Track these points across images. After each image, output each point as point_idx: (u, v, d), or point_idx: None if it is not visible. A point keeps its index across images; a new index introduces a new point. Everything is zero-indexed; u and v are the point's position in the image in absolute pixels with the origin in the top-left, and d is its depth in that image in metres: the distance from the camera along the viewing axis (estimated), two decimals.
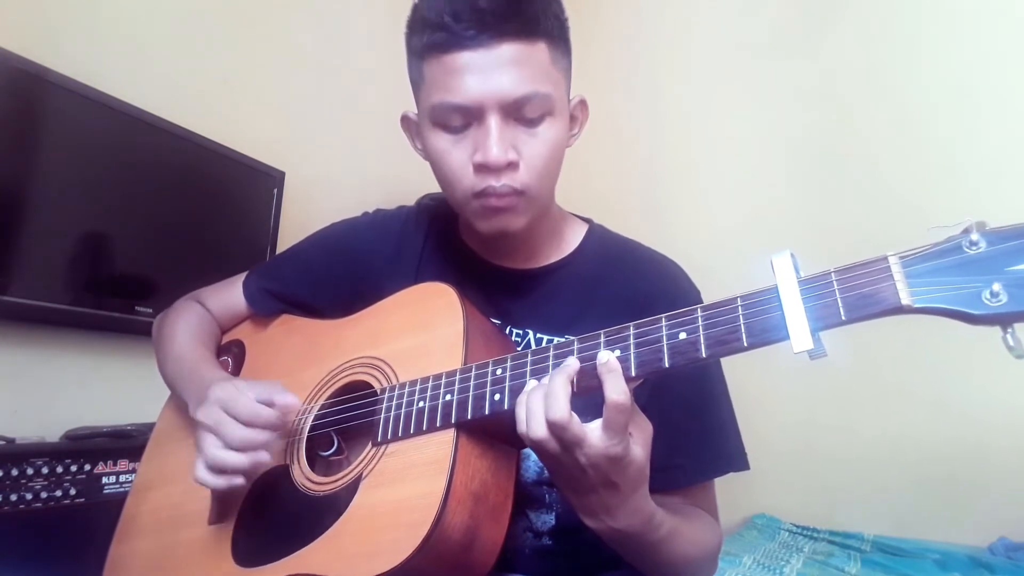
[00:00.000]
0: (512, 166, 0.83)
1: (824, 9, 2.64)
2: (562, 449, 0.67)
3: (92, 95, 1.65)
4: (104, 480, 1.49)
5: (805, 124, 2.62)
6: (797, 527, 2.36)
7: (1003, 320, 0.53)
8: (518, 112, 0.83)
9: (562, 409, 0.65)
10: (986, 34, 2.33)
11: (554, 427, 0.66)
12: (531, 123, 0.84)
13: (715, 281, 0.96)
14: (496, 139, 0.81)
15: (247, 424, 0.81)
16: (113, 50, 1.80)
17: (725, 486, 0.96)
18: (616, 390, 0.65)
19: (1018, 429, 2.14)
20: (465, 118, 0.83)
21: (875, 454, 2.34)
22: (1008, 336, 0.53)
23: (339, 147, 2.51)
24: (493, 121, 0.82)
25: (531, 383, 0.71)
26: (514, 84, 0.81)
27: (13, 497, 1.35)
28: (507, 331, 0.95)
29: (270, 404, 0.83)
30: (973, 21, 2.36)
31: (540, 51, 0.83)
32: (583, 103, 0.94)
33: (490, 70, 0.80)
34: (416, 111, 0.92)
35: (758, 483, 2.47)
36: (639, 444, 0.68)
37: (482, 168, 0.83)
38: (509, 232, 0.88)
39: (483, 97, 0.81)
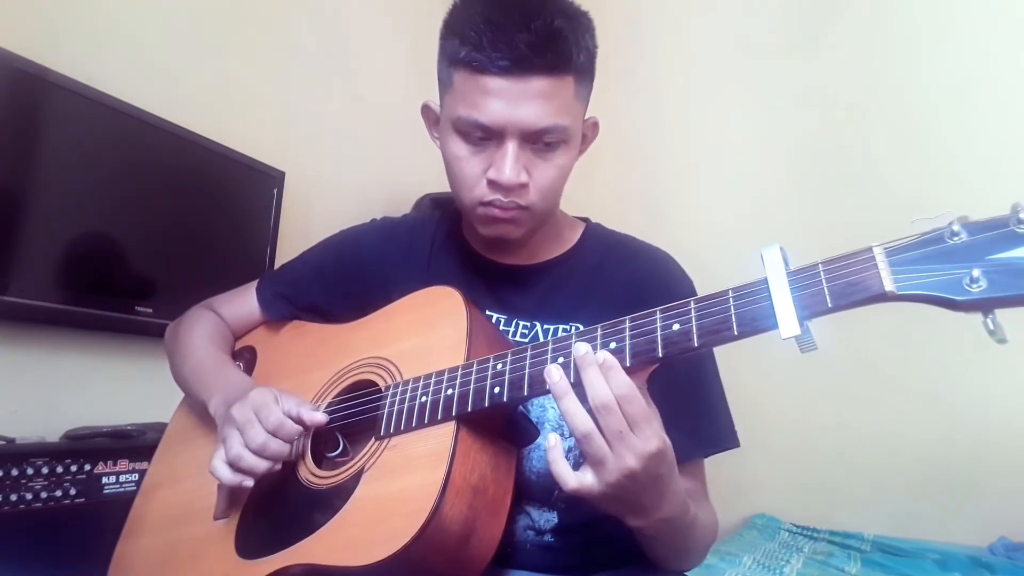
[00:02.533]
0: (522, 186, 0.89)
1: (824, 10, 2.65)
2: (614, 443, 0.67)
3: (92, 95, 1.66)
4: (104, 480, 1.49)
5: (805, 124, 2.62)
6: (797, 527, 2.36)
7: (984, 305, 0.55)
8: (536, 140, 0.88)
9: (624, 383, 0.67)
10: (986, 35, 2.34)
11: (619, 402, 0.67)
12: (546, 148, 0.89)
13: (715, 280, 0.97)
14: (511, 163, 0.87)
15: (272, 432, 0.84)
16: (113, 50, 1.80)
17: (725, 486, 0.97)
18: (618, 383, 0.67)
19: (1018, 429, 2.14)
20: (486, 134, 0.88)
21: (875, 454, 2.34)
22: (989, 321, 0.55)
23: (339, 147, 2.52)
24: (511, 145, 0.87)
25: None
26: (537, 117, 0.86)
27: (13, 497, 1.36)
28: (514, 324, 0.98)
29: (298, 419, 0.86)
30: (972, 22, 2.36)
31: (567, 85, 0.87)
32: (595, 124, 0.99)
33: (517, 99, 0.85)
34: (438, 102, 0.97)
35: (758, 483, 2.48)
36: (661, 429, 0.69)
37: (494, 185, 0.89)
38: (507, 240, 0.96)
39: (507, 123, 0.86)
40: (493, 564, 0.79)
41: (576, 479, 0.69)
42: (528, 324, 0.98)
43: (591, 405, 0.67)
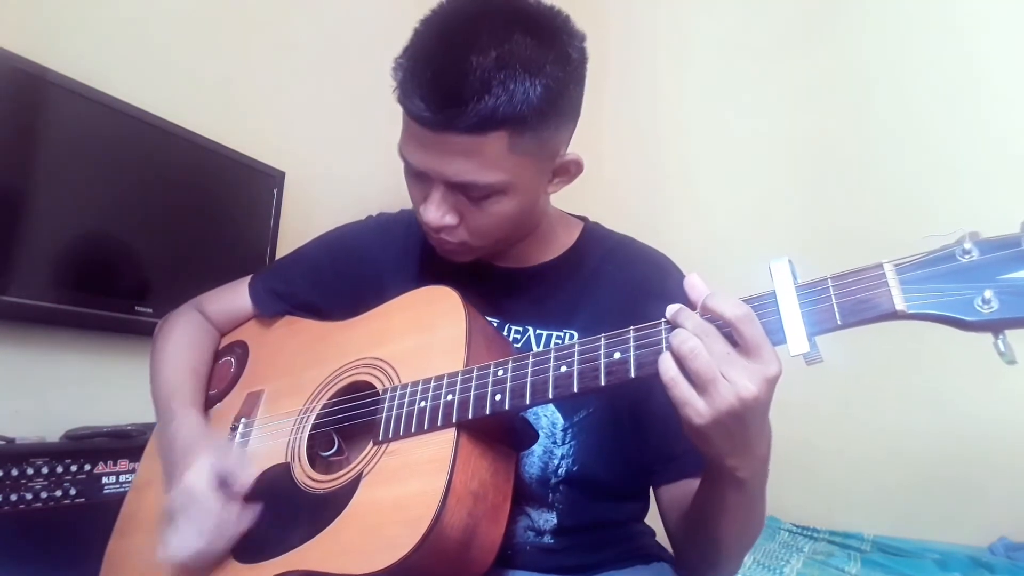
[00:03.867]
0: (448, 228, 0.87)
1: (825, 11, 2.63)
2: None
3: (92, 95, 1.65)
4: (104, 480, 1.49)
5: (805, 124, 2.61)
6: (797, 527, 2.35)
7: (994, 326, 0.54)
8: (462, 190, 0.84)
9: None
10: (987, 35, 2.33)
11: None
12: (475, 200, 0.85)
13: (715, 282, 0.96)
14: (434, 206, 0.85)
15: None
16: (113, 50, 1.80)
17: None
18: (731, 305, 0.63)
19: (1018, 429, 2.13)
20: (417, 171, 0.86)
21: (875, 454, 2.34)
22: (999, 342, 0.54)
23: (339, 147, 2.51)
24: (436, 190, 0.85)
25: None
26: (455, 173, 0.82)
27: (13, 497, 1.35)
28: (506, 328, 0.96)
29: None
30: (974, 22, 2.35)
31: (494, 140, 0.80)
32: (577, 162, 0.92)
33: (436, 151, 0.82)
34: None
35: None
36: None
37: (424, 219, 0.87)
38: (456, 263, 0.94)
39: (428, 170, 0.84)
40: (493, 565, 0.79)
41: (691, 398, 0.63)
42: (520, 329, 0.96)
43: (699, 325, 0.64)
